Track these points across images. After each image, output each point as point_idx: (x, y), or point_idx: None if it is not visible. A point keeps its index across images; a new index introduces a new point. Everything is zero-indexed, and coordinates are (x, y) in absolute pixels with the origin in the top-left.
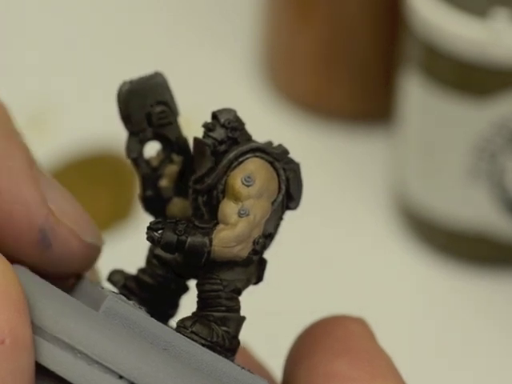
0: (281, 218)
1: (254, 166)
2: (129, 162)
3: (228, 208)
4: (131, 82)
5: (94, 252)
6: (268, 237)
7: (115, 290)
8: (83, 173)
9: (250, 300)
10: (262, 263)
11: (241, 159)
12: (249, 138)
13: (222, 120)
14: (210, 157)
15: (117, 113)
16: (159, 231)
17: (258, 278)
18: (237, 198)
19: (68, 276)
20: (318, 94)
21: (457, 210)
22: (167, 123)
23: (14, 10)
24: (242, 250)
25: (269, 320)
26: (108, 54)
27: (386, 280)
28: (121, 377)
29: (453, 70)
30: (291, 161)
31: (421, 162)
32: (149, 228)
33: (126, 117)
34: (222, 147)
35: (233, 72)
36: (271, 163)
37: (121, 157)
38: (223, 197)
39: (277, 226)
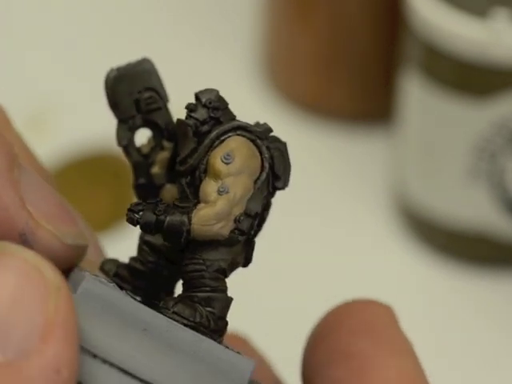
0: (268, 198)
1: (234, 144)
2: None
3: (208, 187)
4: (118, 69)
5: (77, 252)
6: (255, 217)
7: (108, 279)
8: (83, 173)
9: (251, 300)
10: (251, 245)
11: (222, 138)
12: (232, 118)
13: (204, 100)
14: (192, 138)
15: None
16: (140, 213)
17: (246, 260)
18: (217, 176)
19: None
20: (317, 94)
21: (457, 210)
22: (156, 109)
23: (14, 9)
24: (223, 228)
25: (269, 319)
26: (108, 53)
27: (385, 280)
28: (95, 356)
29: (453, 69)
30: (277, 139)
31: (421, 162)
32: (129, 210)
33: (114, 104)
34: (205, 127)
35: (233, 72)
36: (253, 141)
37: (121, 157)
38: (205, 177)
39: (265, 206)
